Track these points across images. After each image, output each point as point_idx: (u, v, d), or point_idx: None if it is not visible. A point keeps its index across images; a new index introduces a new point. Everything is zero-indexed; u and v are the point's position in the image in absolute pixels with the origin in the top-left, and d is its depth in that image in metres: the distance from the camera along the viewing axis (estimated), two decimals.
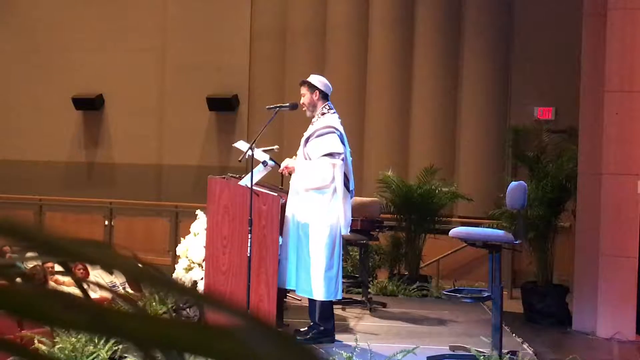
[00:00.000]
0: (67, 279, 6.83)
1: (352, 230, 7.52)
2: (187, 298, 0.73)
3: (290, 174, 6.57)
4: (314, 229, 6.32)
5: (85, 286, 0.89)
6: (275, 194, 6.40)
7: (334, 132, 6.40)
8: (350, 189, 6.52)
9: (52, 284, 7.26)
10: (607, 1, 7.85)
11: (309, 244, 6.33)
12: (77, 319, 0.65)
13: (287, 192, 6.58)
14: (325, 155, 6.33)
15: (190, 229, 8.12)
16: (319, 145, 6.36)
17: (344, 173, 6.39)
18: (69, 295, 0.67)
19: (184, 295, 0.73)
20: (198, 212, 8.11)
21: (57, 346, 5.55)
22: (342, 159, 6.36)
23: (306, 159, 6.42)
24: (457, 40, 12.95)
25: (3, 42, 15.39)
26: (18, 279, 0.73)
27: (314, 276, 6.31)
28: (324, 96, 6.57)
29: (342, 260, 6.85)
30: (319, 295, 6.33)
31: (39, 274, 7.12)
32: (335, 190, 6.34)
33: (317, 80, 6.61)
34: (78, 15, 14.98)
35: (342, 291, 6.82)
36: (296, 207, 6.40)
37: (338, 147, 6.36)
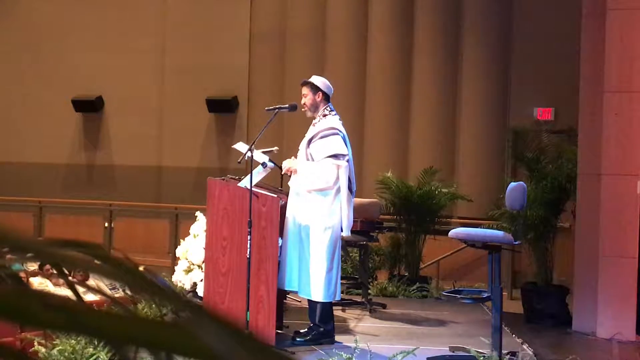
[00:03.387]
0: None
1: (351, 232, 7.51)
2: (171, 304, 0.73)
3: (291, 175, 6.55)
4: (316, 230, 6.31)
5: (84, 289, 0.89)
6: (275, 196, 6.39)
7: (338, 134, 6.39)
8: (353, 190, 6.52)
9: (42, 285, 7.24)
10: (605, 1, 7.84)
11: (311, 245, 6.31)
12: (54, 319, 0.66)
13: (286, 194, 6.57)
14: (330, 156, 6.32)
15: (190, 231, 8.13)
16: (324, 147, 6.34)
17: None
18: (48, 295, 0.67)
19: (168, 300, 0.73)
20: (198, 213, 8.11)
21: (57, 348, 5.52)
22: (347, 161, 6.35)
23: (309, 160, 6.40)
24: (456, 41, 12.95)
25: (2, 43, 15.39)
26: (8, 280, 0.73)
27: (313, 277, 6.31)
28: (326, 98, 6.55)
29: (342, 262, 6.83)
30: (318, 296, 6.33)
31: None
32: (337, 191, 6.32)
33: (319, 81, 6.59)
34: (78, 16, 14.98)
35: (342, 292, 6.80)
36: (297, 209, 6.38)
37: (342, 148, 6.35)
